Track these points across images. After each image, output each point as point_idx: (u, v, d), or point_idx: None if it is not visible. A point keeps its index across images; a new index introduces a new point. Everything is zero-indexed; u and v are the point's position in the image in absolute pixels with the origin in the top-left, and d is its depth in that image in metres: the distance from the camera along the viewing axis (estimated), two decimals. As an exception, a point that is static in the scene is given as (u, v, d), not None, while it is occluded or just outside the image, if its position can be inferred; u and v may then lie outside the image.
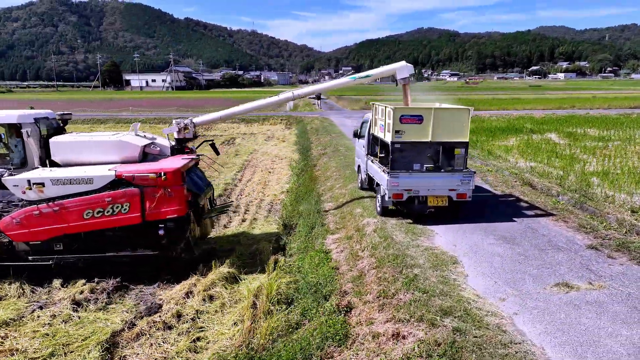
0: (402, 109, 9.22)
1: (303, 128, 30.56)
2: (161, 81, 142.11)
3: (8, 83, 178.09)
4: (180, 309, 7.66)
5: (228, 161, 20.98)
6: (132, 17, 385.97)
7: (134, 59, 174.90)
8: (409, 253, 7.74)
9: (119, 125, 32.50)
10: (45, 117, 9.85)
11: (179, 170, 8.50)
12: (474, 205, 10.68)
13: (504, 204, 11.05)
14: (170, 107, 45.66)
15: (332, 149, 19.98)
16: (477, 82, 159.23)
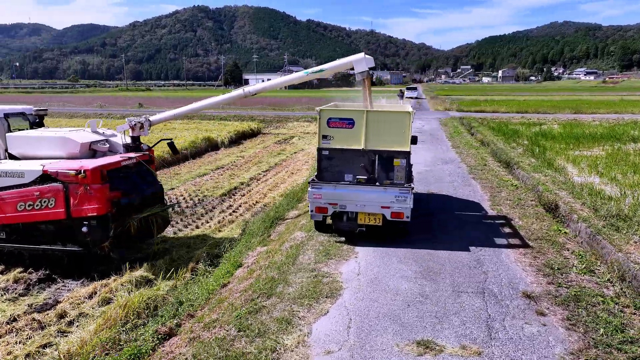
0: (330, 110, 8.07)
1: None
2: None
3: (151, 82, 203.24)
4: (69, 309, 7.60)
5: (264, 160, 20.96)
6: (259, 20, 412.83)
7: (253, 60, 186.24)
8: (289, 278, 6.68)
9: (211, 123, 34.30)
10: (21, 112, 10.62)
11: (98, 169, 8.47)
12: (439, 225, 9.04)
13: (480, 226, 9.15)
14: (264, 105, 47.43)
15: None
16: (617, 82, 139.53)
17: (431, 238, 8.46)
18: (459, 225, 9.17)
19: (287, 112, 42.40)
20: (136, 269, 8.73)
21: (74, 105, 49.95)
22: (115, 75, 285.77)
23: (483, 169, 14.71)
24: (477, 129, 26.65)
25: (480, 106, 40.97)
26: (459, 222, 9.38)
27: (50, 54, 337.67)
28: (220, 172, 18.53)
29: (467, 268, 7.07)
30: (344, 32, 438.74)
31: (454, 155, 17.62)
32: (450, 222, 9.39)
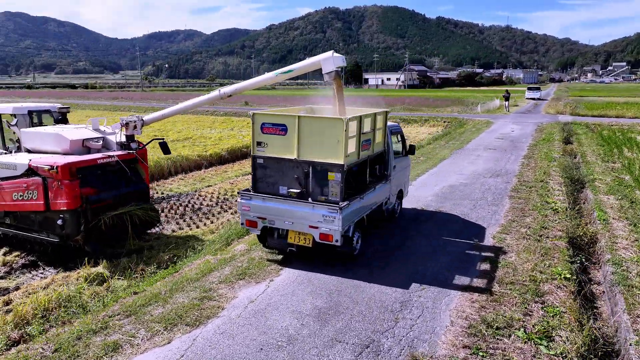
0: (263, 114, 7.27)
1: (451, 133, 27.02)
2: (395, 80, 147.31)
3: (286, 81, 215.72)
4: (17, 298, 8.06)
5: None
6: (387, 19, 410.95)
7: (373, 59, 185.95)
8: (174, 297, 6.15)
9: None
10: (46, 109, 11.70)
11: (67, 166, 8.86)
12: (406, 251, 7.70)
13: (455, 258, 7.51)
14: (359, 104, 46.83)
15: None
16: None
17: (382, 266, 7.20)
18: (428, 255, 7.68)
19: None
20: (98, 265, 8.94)
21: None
22: (250, 75, 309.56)
23: (533, 187, 12.33)
24: (578, 137, 22.80)
25: (603, 110, 35.06)
26: (433, 251, 7.87)
27: (199, 56, 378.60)
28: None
29: (381, 311, 5.79)
30: (476, 29, 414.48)
31: (515, 167, 15.15)
32: (423, 249, 7.92)
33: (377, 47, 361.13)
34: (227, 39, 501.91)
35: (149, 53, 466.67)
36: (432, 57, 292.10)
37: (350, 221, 6.95)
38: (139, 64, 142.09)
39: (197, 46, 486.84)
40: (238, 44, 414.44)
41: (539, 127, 26.67)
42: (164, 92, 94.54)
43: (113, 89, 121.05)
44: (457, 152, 18.63)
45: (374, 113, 7.77)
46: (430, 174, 14.21)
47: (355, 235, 7.38)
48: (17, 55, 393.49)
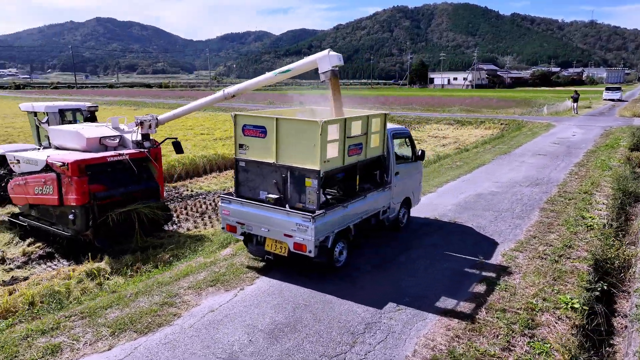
0: (244, 116, 6.98)
1: (503, 136, 25.31)
2: (462, 79, 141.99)
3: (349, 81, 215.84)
4: (23, 287, 8.43)
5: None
6: (457, 17, 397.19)
7: (440, 58, 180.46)
8: (137, 301, 6.04)
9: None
10: (77, 108, 12.27)
11: (76, 163, 9.17)
12: (394, 267, 7.12)
13: (447, 277, 6.78)
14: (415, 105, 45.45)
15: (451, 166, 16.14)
16: None
17: (364, 280, 6.68)
18: (420, 271, 7.03)
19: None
20: (102, 260, 9.17)
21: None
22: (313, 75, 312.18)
23: (573, 199, 11.06)
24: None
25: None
26: (427, 267, 7.19)
27: (268, 57, 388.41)
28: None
29: (341, 332, 5.30)
30: (555, 25, 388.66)
31: (561, 176, 13.73)
32: (418, 264, 7.26)
33: (446, 46, 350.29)
34: (295, 40, 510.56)
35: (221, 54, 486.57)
36: (504, 56, 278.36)
37: (328, 231, 6.49)
38: (209, 65, 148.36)
39: (266, 47, 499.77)
40: (305, 44, 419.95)
41: (606, 132, 24.22)
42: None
43: (184, 88, 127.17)
44: (501, 157, 17.30)
45: (367, 115, 7.23)
46: (461, 181, 13.25)
47: (338, 246, 6.91)
48: (105, 57, 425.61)
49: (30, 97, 61.57)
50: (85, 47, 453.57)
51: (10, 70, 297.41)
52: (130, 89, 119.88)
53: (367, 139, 7.29)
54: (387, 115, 7.76)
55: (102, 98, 63.17)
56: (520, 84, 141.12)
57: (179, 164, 17.26)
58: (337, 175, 6.90)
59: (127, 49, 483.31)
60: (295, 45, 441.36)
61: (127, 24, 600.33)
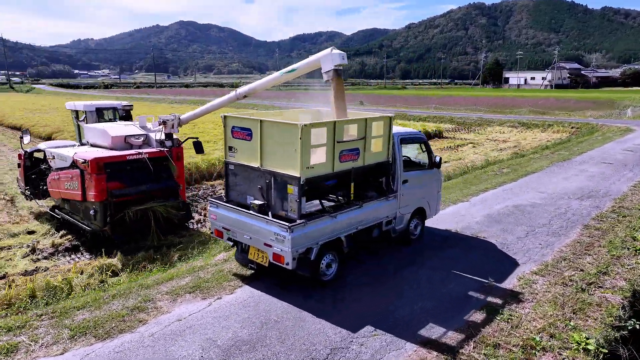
0: (233, 117, 6.67)
1: (570, 141, 23.11)
2: (540, 79, 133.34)
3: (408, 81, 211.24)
4: (39, 279, 8.80)
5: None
6: (539, 13, 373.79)
7: (517, 56, 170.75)
8: (110, 305, 5.96)
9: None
10: (113, 107, 12.74)
11: (95, 160, 9.45)
12: (389, 285, 6.51)
13: (445, 301, 6.03)
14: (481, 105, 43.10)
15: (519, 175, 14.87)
16: None
17: (350, 298, 6.14)
18: (417, 291, 6.34)
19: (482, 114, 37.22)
20: (115, 257, 9.36)
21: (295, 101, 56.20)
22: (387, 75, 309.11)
23: (629, 216, 9.66)
24: None
25: None
26: (426, 287, 6.48)
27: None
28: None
29: (301, 356, 4.84)
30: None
31: (622, 188, 12.11)
32: (417, 283, 6.57)
33: (524, 44, 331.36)
34: (365, 39, 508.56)
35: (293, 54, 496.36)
36: (591, 54, 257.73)
37: (310, 242, 6.02)
38: (277, 65, 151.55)
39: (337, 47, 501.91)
40: (376, 43, 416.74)
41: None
42: (289, 91, 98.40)
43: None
44: (559, 164, 15.69)
45: (365, 119, 6.66)
46: (501, 190, 12.11)
47: (326, 259, 6.42)
48: (186, 58, 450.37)
49: (103, 95, 66.30)
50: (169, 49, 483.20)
51: (103, 71, 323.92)
52: (205, 88, 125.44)
53: (366, 143, 6.72)
54: (392, 118, 7.11)
55: (175, 97, 66.49)
56: (607, 84, 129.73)
57: (219, 162, 17.50)
58: (327, 182, 6.40)
59: (205, 50, 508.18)
60: (365, 45, 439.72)
61: (207, 26, 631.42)
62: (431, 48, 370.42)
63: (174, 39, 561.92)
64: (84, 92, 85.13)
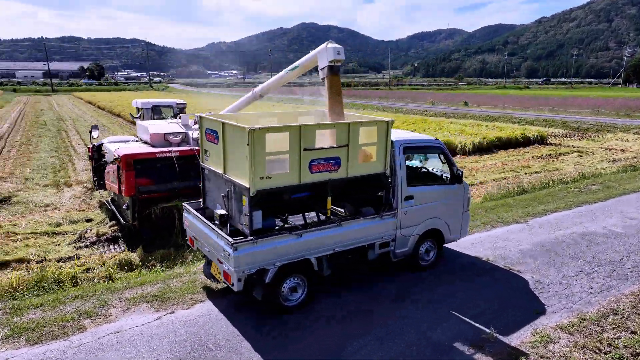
0: (207, 119, 6.13)
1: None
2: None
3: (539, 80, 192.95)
4: (66, 266, 9.30)
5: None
6: None
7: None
8: (68, 306, 5.84)
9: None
10: (168, 105, 13.18)
11: (125, 157, 9.75)
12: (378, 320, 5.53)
13: (427, 352, 4.82)
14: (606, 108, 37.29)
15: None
16: None
17: (305, 333, 5.27)
18: (384, 336, 5.23)
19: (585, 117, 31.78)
20: (135, 252, 9.56)
21: (409, 101, 54.04)
22: (510, 73, 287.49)
23: None
24: None
25: None
26: (399, 330, 5.32)
27: (457, 54, 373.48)
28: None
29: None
30: None
31: None
32: (395, 324, 5.44)
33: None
34: (488, 36, 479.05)
35: (410, 53, 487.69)
36: None
37: (264, 263, 5.28)
38: (389, 64, 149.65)
39: (456, 45, 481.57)
40: (500, 40, 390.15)
41: None
42: (406, 91, 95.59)
43: (364, 87, 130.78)
44: None
45: (347, 123, 5.68)
46: (576, 212, 9.94)
47: (289, 282, 5.61)
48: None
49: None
50: (290, 50, 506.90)
51: (231, 71, 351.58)
52: (312, 87, 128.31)
53: (349, 152, 5.75)
54: (390, 123, 6.00)
55: (278, 95, 68.34)
56: None
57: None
58: (295, 195, 5.57)
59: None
60: (488, 41, 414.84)
61: (326, 27, 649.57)
62: (564, 44, 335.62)
63: (296, 40, 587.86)
64: (208, 91, 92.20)
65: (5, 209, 13.17)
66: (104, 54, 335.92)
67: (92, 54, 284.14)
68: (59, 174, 17.00)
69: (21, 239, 10.72)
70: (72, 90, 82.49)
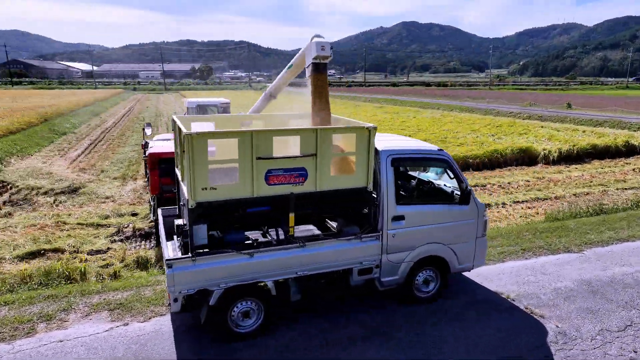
0: (181, 119, 5.69)
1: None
2: None
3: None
4: (92, 258, 9.61)
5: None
6: None
7: None
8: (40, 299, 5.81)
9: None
10: (214, 104, 13.24)
11: (150, 155, 9.84)
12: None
13: None
14: None
15: None
16: None
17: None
18: None
19: None
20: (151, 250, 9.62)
21: (505, 102, 49.82)
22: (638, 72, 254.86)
23: None
24: None
25: None
26: None
27: (572, 52, 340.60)
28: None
29: None
30: None
31: None
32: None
33: None
34: (613, 30, 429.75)
35: (518, 51, 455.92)
36: None
37: (207, 283, 4.73)
38: (490, 63, 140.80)
39: (573, 41, 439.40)
40: (626, 34, 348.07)
41: None
42: (506, 91, 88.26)
43: (462, 87, 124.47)
44: None
45: (315, 129, 4.89)
46: (635, 246, 7.96)
47: (239, 307, 4.99)
48: (404, 57, 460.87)
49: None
50: (388, 50, 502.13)
51: (330, 71, 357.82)
52: (410, 87, 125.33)
53: (318, 162, 4.96)
54: (372, 130, 5.08)
55: (363, 95, 67.30)
56: None
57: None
58: (251, 209, 4.92)
59: (424, 50, 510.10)
60: (612, 36, 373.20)
61: (428, 25, 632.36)
62: None
63: (396, 39, 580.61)
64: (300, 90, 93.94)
65: (71, 198, 14.15)
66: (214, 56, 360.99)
67: (204, 56, 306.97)
68: (131, 168, 18.02)
69: (68, 229, 11.33)
70: (181, 89, 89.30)
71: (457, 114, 37.13)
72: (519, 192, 14.31)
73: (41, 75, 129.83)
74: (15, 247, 9.88)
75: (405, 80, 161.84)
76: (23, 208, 13.13)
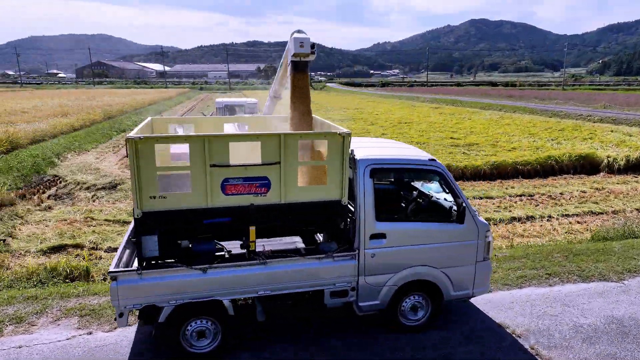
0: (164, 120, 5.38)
1: None
2: None
3: None
4: (106, 255, 9.72)
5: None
6: None
7: None
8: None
9: None
10: (241, 104, 13.09)
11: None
12: None
13: None
14: None
15: None
16: None
17: None
18: None
19: None
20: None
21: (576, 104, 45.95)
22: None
23: None
24: None
25: None
26: None
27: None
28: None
29: None
30: None
31: None
32: None
33: None
34: None
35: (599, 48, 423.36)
36: None
37: (155, 299, 4.37)
38: (565, 61, 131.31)
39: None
40: None
41: None
42: (581, 91, 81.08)
43: (531, 87, 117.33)
44: None
45: (278, 134, 4.38)
46: None
47: (194, 325, 4.59)
48: (472, 56, 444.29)
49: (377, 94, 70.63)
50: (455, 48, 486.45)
51: (393, 71, 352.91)
52: (475, 87, 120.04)
53: (282, 171, 4.45)
54: (347, 136, 4.47)
55: (423, 95, 64.90)
56: None
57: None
58: (209, 220, 4.50)
59: (493, 48, 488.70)
60: None
61: (498, 23, 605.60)
62: None
63: (463, 37, 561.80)
64: (362, 90, 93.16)
65: (108, 194, 14.59)
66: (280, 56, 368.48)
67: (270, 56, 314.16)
68: (172, 166, 18.35)
69: (95, 225, 11.60)
70: (244, 89, 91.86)
71: (519, 115, 34.74)
72: (570, 204, 12.85)
73: (119, 76, 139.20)
74: (43, 241, 10.19)
75: (470, 80, 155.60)
76: (64, 202, 13.67)
